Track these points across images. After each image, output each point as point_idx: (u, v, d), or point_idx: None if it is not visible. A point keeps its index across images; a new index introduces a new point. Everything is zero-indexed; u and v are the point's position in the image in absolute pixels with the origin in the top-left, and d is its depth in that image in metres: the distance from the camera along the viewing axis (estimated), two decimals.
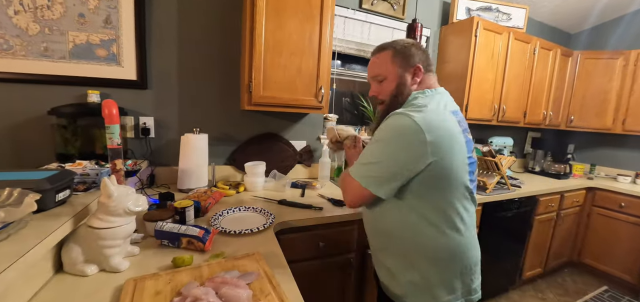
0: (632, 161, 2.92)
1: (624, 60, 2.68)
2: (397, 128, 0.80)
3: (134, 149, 1.54)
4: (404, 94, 0.91)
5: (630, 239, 2.45)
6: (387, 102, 0.93)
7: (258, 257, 0.86)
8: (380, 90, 0.95)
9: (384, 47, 0.95)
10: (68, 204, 0.85)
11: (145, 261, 0.85)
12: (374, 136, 0.85)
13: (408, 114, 0.79)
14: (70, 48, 1.38)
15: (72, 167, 1.02)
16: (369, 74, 0.99)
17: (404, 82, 0.91)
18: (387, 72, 0.92)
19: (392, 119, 0.82)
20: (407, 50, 0.91)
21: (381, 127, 0.84)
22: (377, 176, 0.82)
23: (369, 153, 0.85)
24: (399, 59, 0.91)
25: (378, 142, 0.83)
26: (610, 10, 2.85)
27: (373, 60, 0.97)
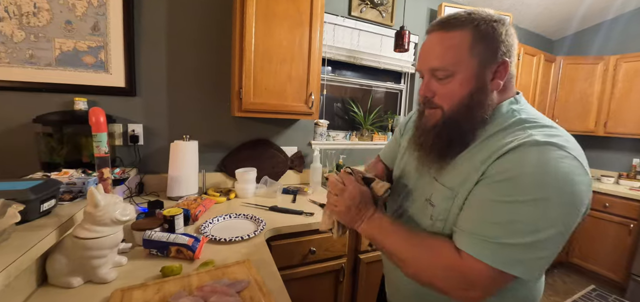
0: (614, 162, 3.01)
1: (604, 66, 2.79)
2: (564, 177, 0.50)
3: (123, 156, 1.52)
4: (483, 106, 0.60)
5: (615, 238, 2.52)
6: (448, 112, 0.61)
7: (248, 264, 0.86)
8: (443, 92, 0.62)
9: (458, 21, 0.60)
10: (53, 214, 0.83)
11: (133, 271, 0.84)
12: (511, 183, 0.52)
13: (564, 147, 0.52)
14: (56, 55, 1.36)
15: (58, 176, 1.00)
16: (422, 62, 0.64)
17: (483, 87, 0.59)
18: (460, 65, 0.59)
19: (542, 156, 0.51)
20: (494, 33, 0.58)
21: (529, 172, 0.50)
22: (545, 258, 0.52)
23: (522, 222, 0.50)
24: (482, 47, 0.58)
25: (534, 202, 0.50)
26: (590, 17, 2.95)
27: (434, 40, 0.62)
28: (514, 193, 0.51)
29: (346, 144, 2.14)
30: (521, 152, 0.52)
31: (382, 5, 2.15)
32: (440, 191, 0.63)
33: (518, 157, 0.52)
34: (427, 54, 0.63)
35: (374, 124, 2.35)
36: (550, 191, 0.49)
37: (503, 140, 0.57)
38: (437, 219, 0.63)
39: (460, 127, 0.61)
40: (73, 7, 1.36)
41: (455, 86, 0.60)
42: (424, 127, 0.67)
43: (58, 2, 1.34)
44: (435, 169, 0.65)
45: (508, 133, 0.58)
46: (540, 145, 0.52)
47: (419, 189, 0.71)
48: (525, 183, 0.50)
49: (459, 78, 0.59)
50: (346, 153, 2.14)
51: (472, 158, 0.60)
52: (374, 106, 2.37)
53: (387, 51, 2.23)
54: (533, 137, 0.53)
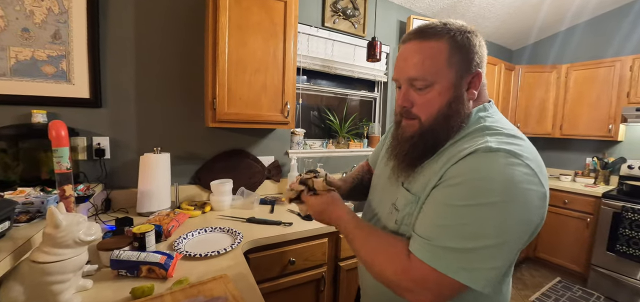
0: (571, 161, 3.26)
1: (557, 74, 3.03)
2: (513, 184, 0.49)
3: (87, 172, 1.43)
4: (460, 114, 0.60)
5: (575, 232, 2.72)
6: (426, 123, 0.61)
7: (226, 280, 0.83)
8: (420, 102, 0.61)
9: (434, 31, 0.59)
10: (7, 237, 0.76)
11: (100, 294, 0.78)
12: (461, 188, 0.52)
13: (518, 155, 0.52)
14: (11, 64, 1.27)
15: (13, 196, 0.92)
16: (399, 71, 0.63)
17: (460, 96, 0.60)
18: (438, 75, 0.58)
19: (493, 163, 0.51)
20: (469, 44, 0.59)
21: (477, 177, 0.51)
22: (491, 268, 0.50)
23: (467, 225, 0.50)
24: (458, 58, 0.59)
25: (478, 207, 0.50)
26: (545, 29, 3.22)
27: (411, 49, 0.61)
28: (461, 198, 0.51)
29: (323, 152, 2.16)
30: (474, 158, 0.53)
31: (355, 16, 2.21)
32: (405, 196, 0.64)
33: (470, 163, 0.53)
34: (404, 64, 0.62)
35: (350, 132, 2.39)
36: (496, 197, 0.49)
37: (462, 145, 0.57)
38: (402, 223, 0.64)
39: (437, 137, 0.61)
40: (31, 14, 1.28)
41: (434, 96, 0.59)
42: (401, 138, 0.66)
43: (14, 9, 1.25)
44: (405, 176, 0.66)
45: (469, 139, 0.58)
46: (492, 152, 0.52)
47: (388, 195, 0.72)
48: (473, 188, 0.51)
49: (438, 88, 0.59)
50: (323, 161, 2.15)
51: (434, 163, 0.61)
52: (350, 114, 2.42)
53: (361, 61, 2.28)
54: (487, 143, 0.53)
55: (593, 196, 2.60)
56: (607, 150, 3.00)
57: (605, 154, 2.99)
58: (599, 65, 2.78)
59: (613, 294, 2.43)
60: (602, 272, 2.49)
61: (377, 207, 0.76)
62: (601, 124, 2.78)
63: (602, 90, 2.76)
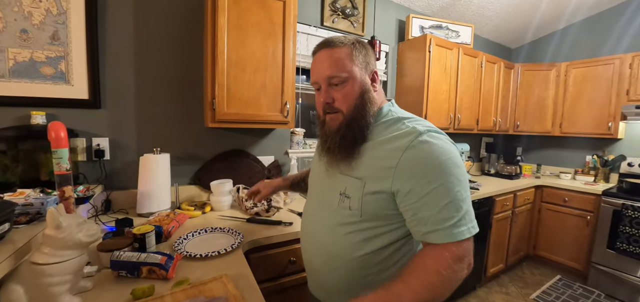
0: (571, 159, 3.26)
1: (556, 72, 3.03)
2: (453, 151, 0.68)
3: (87, 173, 1.43)
4: (372, 103, 0.76)
5: (575, 230, 2.72)
6: (347, 113, 0.74)
7: (226, 280, 0.83)
8: (339, 96, 0.74)
9: (339, 41, 0.76)
10: (7, 239, 0.76)
11: (100, 296, 0.78)
12: (431, 172, 0.65)
13: (436, 130, 0.72)
14: (10, 66, 1.26)
15: (13, 197, 0.92)
16: (318, 74, 0.76)
17: (368, 88, 0.76)
18: (348, 72, 0.74)
19: (435, 143, 0.67)
20: (364, 49, 0.77)
21: (439, 162, 0.65)
22: (472, 214, 0.67)
23: (454, 197, 0.64)
24: (360, 59, 0.75)
25: (453, 178, 0.65)
26: (543, 27, 3.22)
27: (324, 55, 0.75)
28: (436, 180, 0.64)
29: None
30: (419, 146, 0.67)
31: (354, 16, 2.21)
32: (352, 182, 0.73)
33: (420, 151, 0.67)
34: (321, 67, 0.76)
35: None
36: (452, 166, 0.66)
37: (388, 132, 0.74)
38: (354, 207, 0.73)
39: (359, 124, 0.74)
40: (29, 15, 1.28)
41: (349, 89, 0.74)
42: (328, 132, 0.78)
43: (12, 10, 1.25)
44: (344, 166, 0.76)
45: (390, 125, 0.75)
46: (423, 135, 0.68)
47: (332, 188, 0.79)
48: (439, 170, 0.65)
49: (351, 82, 0.74)
50: None
51: (372, 151, 0.73)
52: None
53: None
54: (417, 130, 0.70)
55: (593, 193, 2.60)
56: (607, 148, 3.00)
57: (605, 152, 2.99)
58: (598, 63, 2.78)
59: (613, 291, 2.43)
60: (602, 270, 2.50)
61: (322, 203, 0.83)
62: (601, 122, 2.78)
63: (602, 88, 2.76)
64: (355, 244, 0.75)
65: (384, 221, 0.73)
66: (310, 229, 0.87)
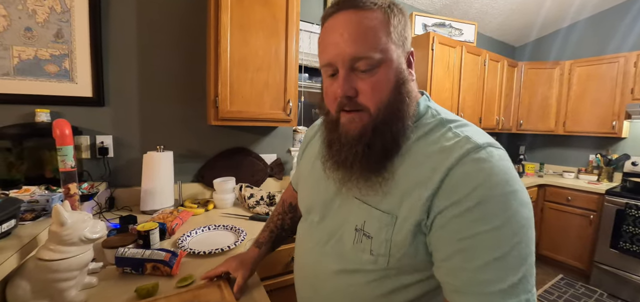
0: (574, 158, 3.24)
1: (560, 70, 3.02)
2: (525, 191, 0.45)
3: (91, 170, 1.44)
4: (410, 100, 0.52)
5: (578, 229, 2.71)
6: (376, 114, 0.50)
7: (223, 284, 0.81)
8: (367, 88, 0.49)
9: (368, 2, 0.49)
10: (13, 235, 0.77)
11: (105, 292, 0.79)
12: (487, 205, 0.42)
13: (495, 143, 0.48)
14: (15, 64, 1.27)
15: (18, 194, 0.93)
16: (334, 51, 0.49)
17: (406, 78, 0.52)
18: (384, 53, 0.49)
19: (494, 162, 0.45)
20: (403, 19, 0.52)
21: (501, 191, 0.43)
22: (531, 280, 0.43)
23: (515, 245, 0.42)
24: (398, 33, 0.50)
25: (518, 221, 0.42)
26: (547, 25, 3.19)
27: (346, 20, 0.49)
28: (490, 220, 0.42)
29: None
30: (473, 162, 0.45)
31: None
32: (377, 217, 0.51)
33: (473, 171, 0.44)
34: (341, 40, 0.48)
35: None
36: (521, 206, 0.43)
37: (436, 146, 0.49)
38: (379, 254, 0.51)
39: (392, 129, 0.50)
40: (33, 13, 1.28)
41: (382, 78, 0.49)
42: (346, 139, 0.52)
43: (16, 8, 1.25)
44: (366, 188, 0.53)
45: (433, 133, 0.52)
46: (482, 149, 0.46)
47: (344, 218, 0.57)
48: (497, 206, 0.42)
49: (385, 67, 0.49)
50: None
51: (410, 171, 0.50)
52: None
53: None
54: (472, 140, 0.47)
55: (596, 192, 2.58)
56: (611, 147, 2.98)
57: (609, 151, 2.97)
58: (602, 61, 2.76)
59: (616, 291, 2.43)
60: (605, 269, 2.49)
61: (327, 236, 0.60)
62: (605, 121, 2.76)
63: (606, 87, 2.74)
64: (379, 297, 0.53)
65: (419, 266, 0.51)
66: (309, 269, 0.64)
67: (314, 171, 0.66)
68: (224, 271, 0.81)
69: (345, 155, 0.52)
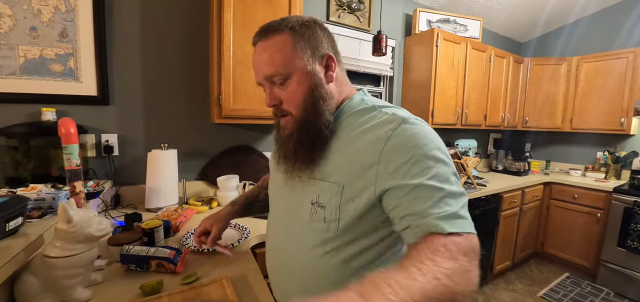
0: (581, 155, 3.20)
1: (567, 66, 2.97)
2: (445, 148, 0.58)
3: (96, 168, 1.45)
4: (326, 99, 0.63)
5: (584, 228, 2.68)
6: (298, 115, 0.63)
7: (226, 282, 0.81)
8: (285, 96, 0.63)
9: (272, 28, 0.62)
10: (20, 233, 0.78)
11: (110, 289, 0.80)
12: (422, 161, 0.54)
13: (429, 127, 0.59)
14: (21, 63, 1.28)
15: (25, 192, 0.94)
16: (258, 73, 0.64)
17: (319, 81, 0.63)
18: (290, 66, 0.61)
19: (420, 128, 0.57)
20: (309, 31, 0.62)
21: (428, 148, 0.55)
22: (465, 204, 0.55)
23: (452, 185, 0.54)
24: (303, 44, 0.61)
25: (447, 168, 0.55)
26: (553, 21, 3.15)
27: (260, 49, 0.63)
28: (427, 171, 0.53)
29: None
30: (403, 131, 0.56)
31: (360, 10, 2.19)
32: (327, 188, 0.61)
33: (405, 137, 0.56)
34: (258, 65, 0.63)
35: None
36: (442, 151, 0.56)
37: (369, 124, 0.60)
38: (330, 220, 0.61)
39: (314, 125, 0.62)
40: (38, 13, 1.30)
41: (295, 87, 0.61)
42: (283, 137, 0.67)
43: (22, 8, 1.26)
44: (307, 173, 0.64)
45: (368, 118, 0.62)
46: (408, 122, 0.57)
47: (301, 198, 0.66)
48: (428, 156, 0.54)
49: (295, 78, 0.61)
50: None
51: (346, 148, 0.61)
52: None
53: (366, 55, 2.27)
54: (397, 115, 0.59)
55: (604, 190, 2.55)
56: (619, 144, 2.94)
57: (617, 148, 2.92)
58: (610, 56, 2.72)
59: (623, 290, 2.40)
60: (612, 268, 2.46)
61: (290, 218, 0.70)
62: (613, 117, 2.72)
63: (614, 83, 2.70)
64: (337, 266, 0.62)
65: (368, 232, 0.61)
66: (278, 252, 0.74)
67: (273, 165, 0.79)
68: (201, 230, 0.91)
69: (285, 151, 0.66)
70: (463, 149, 2.81)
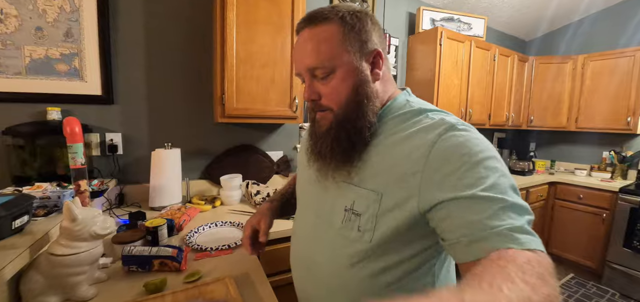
0: (586, 155, 3.17)
1: (572, 65, 2.94)
2: (500, 157, 0.52)
3: (101, 167, 1.46)
4: (370, 98, 0.58)
5: (590, 228, 2.65)
6: (339, 112, 0.58)
7: (229, 281, 0.81)
8: (326, 92, 0.58)
9: (322, 15, 0.57)
10: (26, 231, 0.79)
11: (114, 286, 0.80)
12: (474, 169, 0.48)
13: (481, 136, 0.53)
14: (26, 63, 1.30)
15: (31, 191, 0.95)
16: (300, 64, 0.60)
17: (365, 79, 0.58)
18: (336, 60, 0.56)
19: (481, 140, 0.52)
20: (360, 23, 0.57)
21: (481, 157, 0.49)
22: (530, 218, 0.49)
23: (512, 196, 0.48)
24: (352, 38, 0.57)
25: (505, 179, 0.49)
26: (558, 19, 3.11)
27: (305, 37, 0.58)
28: (481, 182, 0.47)
29: None
30: (449, 139, 0.51)
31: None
32: (364, 195, 0.57)
33: (452, 144, 0.50)
34: (301, 54, 0.59)
35: None
36: (502, 167, 0.51)
37: (413, 129, 0.55)
38: (365, 229, 0.56)
39: (355, 125, 0.58)
40: (43, 13, 1.31)
41: (338, 83, 0.57)
42: (319, 134, 0.62)
43: (27, 8, 1.28)
44: (343, 175, 0.60)
45: (413, 122, 0.57)
46: (457, 129, 0.52)
47: (333, 201, 0.62)
48: (482, 169, 0.48)
49: (340, 73, 0.57)
50: None
51: (387, 153, 0.56)
52: None
53: None
54: (446, 121, 0.53)
55: (609, 190, 2.52)
56: (625, 143, 2.90)
57: (623, 148, 2.89)
58: (617, 55, 2.68)
59: (629, 291, 2.37)
60: (617, 269, 2.43)
61: (318, 221, 0.66)
62: (619, 116, 2.68)
63: (621, 81, 2.66)
64: (366, 278, 0.57)
65: (404, 244, 0.56)
66: (304, 254, 0.70)
67: (303, 161, 0.73)
68: (249, 232, 0.83)
69: (320, 147, 0.62)
70: None
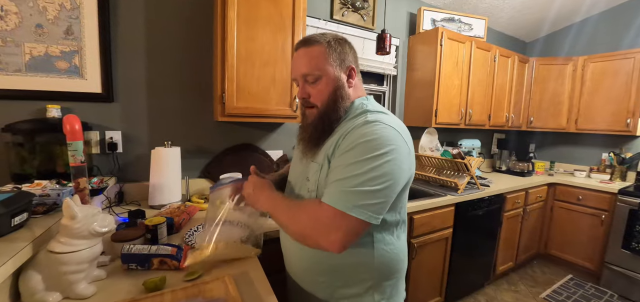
0: (586, 156, 3.17)
1: (573, 66, 2.94)
2: (386, 140, 0.70)
3: (100, 165, 1.46)
4: (344, 99, 0.81)
5: (588, 229, 2.66)
6: (322, 108, 0.81)
7: (228, 280, 0.81)
8: (314, 92, 0.81)
9: (314, 40, 0.81)
10: (26, 228, 0.79)
11: (113, 285, 0.80)
12: (359, 148, 0.70)
13: (386, 122, 0.73)
14: (26, 60, 1.29)
15: (30, 188, 0.95)
16: (295, 71, 0.84)
17: (342, 85, 0.81)
18: (322, 70, 0.80)
19: (372, 128, 0.71)
20: (340, 47, 0.82)
21: (364, 140, 0.70)
22: (380, 203, 0.69)
23: (362, 173, 0.68)
24: (334, 56, 0.80)
25: (366, 161, 0.68)
26: (559, 20, 3.11)
27: (301, 53, 0.82)
28: (354, 157, 0.69)
29: None
30: (359, 128, 0.73)
31: (364, 9, 2.18)
32: (313, 167, 0.81)
33: (357, 133, 0.72)
34: (298, 64, 0.82)
35: None
36: (378, 151, 0.68)
37: (350, 123, 0.77)
38: (311, 190, 0.80)
39: (330, 118, 0.81)
40: (44, 10, 1.30)
41: (323, 86, 0.80)
42: (305, 125, 0.86)
43: (28, 5, 1.27)
44: (312, 154, 0.83)
45: (355, 119, 0.79)
46: (369, 122, 0.73)
47: (301, 172, 0.87)
48: (361, 148, 0.69)
49: (324, 80, 0.80)
50: None
51: (330, 138, 0.80)
52: None
53: (370, 54, 2.26)
54: (366, 117, 0.75)
55: (609, 192, 2.53)
56: (625, 145, 2.91)
57: (623, 149, 2.89)
58: (617, 57, 2.68)
59: (627, 292, 2.38)
60: (616, 270, 2.44)
61: (293, 185, 0.92)
62: (619, 118, 2.69)
63: (621, 83, 2.66)
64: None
65: None
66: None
67: (296, 152, 0.97)
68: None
69: (304, 134, 0.86)
70: (466, 148, 2.80)
